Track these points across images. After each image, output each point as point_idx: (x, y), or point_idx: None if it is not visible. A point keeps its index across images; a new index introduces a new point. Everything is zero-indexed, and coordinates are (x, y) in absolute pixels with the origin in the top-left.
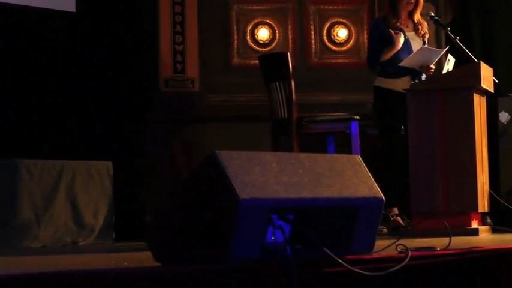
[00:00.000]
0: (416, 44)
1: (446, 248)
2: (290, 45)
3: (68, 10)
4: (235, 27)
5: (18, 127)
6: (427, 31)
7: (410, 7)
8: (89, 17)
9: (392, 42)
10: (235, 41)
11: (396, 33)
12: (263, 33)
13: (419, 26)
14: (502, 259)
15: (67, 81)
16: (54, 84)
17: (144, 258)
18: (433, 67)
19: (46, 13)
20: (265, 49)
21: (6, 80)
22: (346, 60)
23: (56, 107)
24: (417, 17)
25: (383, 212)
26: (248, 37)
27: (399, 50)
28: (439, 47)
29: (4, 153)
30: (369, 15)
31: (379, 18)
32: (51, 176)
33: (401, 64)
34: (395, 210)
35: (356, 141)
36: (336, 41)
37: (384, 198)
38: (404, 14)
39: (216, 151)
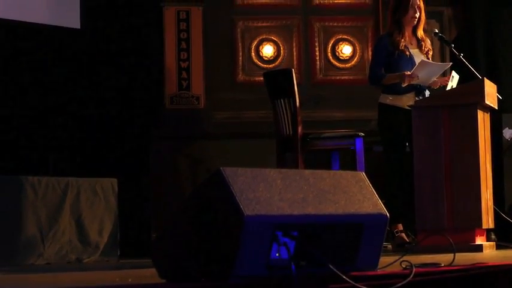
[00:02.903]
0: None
1: (450, 264)
2: (295, 62)
3: (72, 27)
4: (240, 44)
5: (23, 144)
6: (430, 48)
7: (414, 22)
8: (94, 34)
9: (396, 64)
10: (240, 58)
11: (408, 79)
12: (268, 50)
13: (423, 43)
14: (506, 275)
15: (72, 98)
16: (58, 101)
17: (149, 275)
18: (437, 80)
19: (51, 29)
20: (270, 66)
21: (11, 96)
22: (351, 77)
23: (61, 124)
24: (420, 33)
25: (388, 228)
26: (253, 54)
27: (403, 67)
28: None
29: (9, 170)
30: (374, 32)
31: (384, 35)
32: (56, 193)
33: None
34: (400, 227)
35: (361, 158)
36: (341, 57)
37: (388, 214)
38: (408, 31)
39: (221, 168)
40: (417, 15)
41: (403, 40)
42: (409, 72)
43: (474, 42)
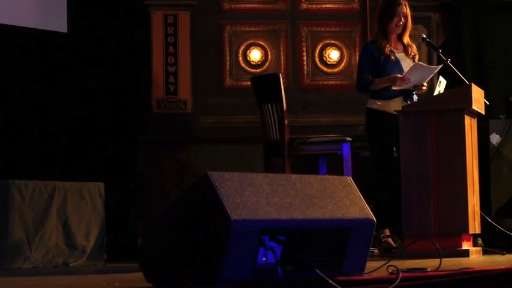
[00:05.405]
0: (406, 65)
1: (437, 270)
2: (282, 67)
3: (59, 31)
4: (227, 49)
5: (9, 147)
6: (416, 52)
7: (399, 30)
8: (81, 38)
9: (383, 68)
10: (228, 62)
11: (400, 81)
12: (255, 55)
13: (409, 48)
14: (492, 280)
15: (59, 102)
16: (45, 105)
17: (135, 279)
18: (425, 85)
19: (38, 33)
20: (258, 70)
21: None
22: (338, 82)
23: (48, 128)
24: (406, 39)
25: (374, 233)
26: (240, 58)
27: (390, 71)
28: None
29: None
30: (361, 37)
31: (369, 42)
32: (42, 196)
33: (396, 88)
34: (387, 232)
35: (348, 163)
36: (328, 62)
37: (375, 219)
38: (393, 37)
39: (208, 172)
40: (402, 22)
41: (388, 45)
42: (400, 75)
43: (461, 48)
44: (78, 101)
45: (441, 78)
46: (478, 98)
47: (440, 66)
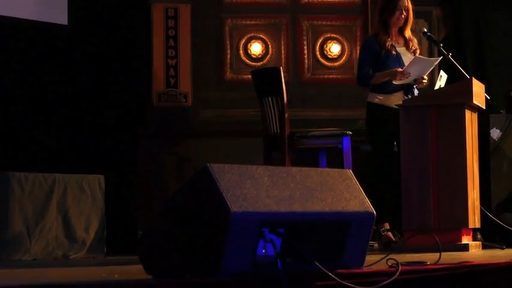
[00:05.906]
0: (407, 59)
1: (436, 263)
2: (283, 60)
3: (60, 23)
4: (228, 42)
5: (10, 140)
6: (417, 47)
7: (401, 23)
8: (82, 30)
9: (384, 63)
10: (228, 56)
11: (400, 75)
12: (256, 48)
13: (410, 42)
14: (491, 274)
15: (59, 95)
16: (46, 97)
17: (135, 271)
18: (426, 78)
19: (38, 26)
20: (258, 64)
21: None
22: (339, 76)
23: (48, 120)
24: (408, 33)
25: (374, 227)
26: (241, 52)
27: (391, 66)
28: None
29: None
30: (362, 31)
31: (370, 35)
32: (42, 189)
33: (396, 82)
34: (387, 226)
35: (348, 157)
36: (329, 56)
37: (375, 213)
38: (394, 31)
39: (208, 164)
40: (403, 16)
41: (389, 39)
42: (400, 69)
43: (462, 42)
44: (78, 94)
45: (442, 73)
46: (479, 93)
47: (440, 58)
